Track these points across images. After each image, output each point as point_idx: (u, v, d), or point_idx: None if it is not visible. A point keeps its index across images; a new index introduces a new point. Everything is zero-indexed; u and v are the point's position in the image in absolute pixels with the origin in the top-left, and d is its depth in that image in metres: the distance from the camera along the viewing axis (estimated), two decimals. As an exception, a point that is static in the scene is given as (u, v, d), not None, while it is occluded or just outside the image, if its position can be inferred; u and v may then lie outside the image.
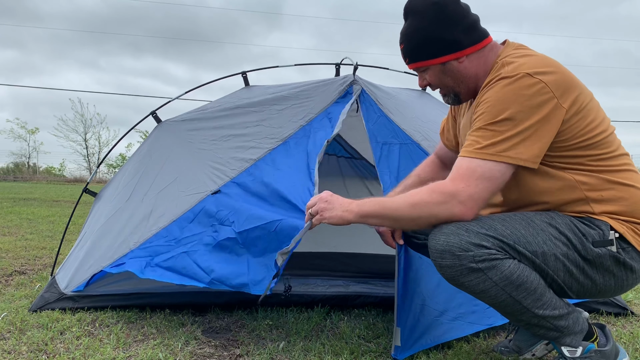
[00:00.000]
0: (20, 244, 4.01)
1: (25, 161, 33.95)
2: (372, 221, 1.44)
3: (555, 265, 1.34)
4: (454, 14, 1.42)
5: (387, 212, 1.40)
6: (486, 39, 1.46)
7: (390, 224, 1.46)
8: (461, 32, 1.43)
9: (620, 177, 1.38)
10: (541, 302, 1.35)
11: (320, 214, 1.48)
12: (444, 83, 1.50)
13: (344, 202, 1.47)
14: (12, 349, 1.69)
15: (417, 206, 1.36)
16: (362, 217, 1.43)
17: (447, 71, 1.47)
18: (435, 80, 1.50)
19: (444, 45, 1.43)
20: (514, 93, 1.31)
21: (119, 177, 2.68)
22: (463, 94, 1.51)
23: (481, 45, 1.45)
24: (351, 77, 2.20)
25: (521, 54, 1.40)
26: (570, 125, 1.34)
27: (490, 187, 1.32)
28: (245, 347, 1.78)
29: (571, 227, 1.36)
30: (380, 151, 2.01)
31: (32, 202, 9.11)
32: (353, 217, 1.43)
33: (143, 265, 1.85)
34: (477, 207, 1.33)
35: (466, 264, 1.31)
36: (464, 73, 1.46)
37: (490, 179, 1.31)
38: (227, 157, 2.12)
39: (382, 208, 1.41)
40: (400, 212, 1.38)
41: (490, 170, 1.31)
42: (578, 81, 1.38)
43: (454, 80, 1.48)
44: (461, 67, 1.46)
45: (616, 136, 1.44)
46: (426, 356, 1.68)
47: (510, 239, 1.33)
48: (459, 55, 1.44)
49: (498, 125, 1.31)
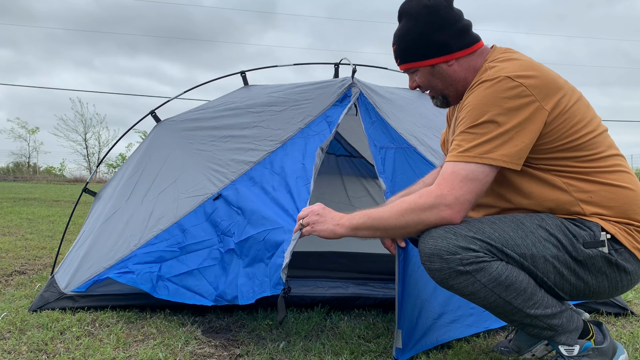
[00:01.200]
0: (20, 244, 4.02)
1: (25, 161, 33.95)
2: (364, 233, 1.45)
3: (544, 267, 1.34)
4: (445, 17, 1.44)
5: (376, 223, 1.42)
6: (477, 44, 1.48)
7: (381, 234, 1.47)
8: (452, 36, 1.45)
9: (610, 178, 1.38)
10: (532, 301, 1.35)
11: (311, 226, 1.50)
12: (433, 85, 1.52)
13: (335, 216, 1.48)
14: (12, 349, 1.69)
15: (405, 214, 1.37)
16: (353, 230, 1.44)
17: (436, 74, 1.49)
18: (425, 82, 1.52)
19: (434, 48, 1.46)
20: (493, 96, 1.32)
21: (119, 177, 2.68)
22: (451, 97, 1.54)
23: (471, 50, 1.47)
24: (349, 80, 2.21)
25: (505, 57, 1.42)
26: (554, 127, 1.34)
27: (475, 189, 1.33)
28: (245, 347, 1.78)
29: (562, 228, 1.36)
30: (379, 155, 2.02)
31: (32, 202, 9.11)
32: (344, 231, 1.45)
33: (154, 280, 1.88)
34: (464, 209, 1.34)
35: (454, 267, 1.32)
36: (453, 76, 1.48)
37: (474, 180, 1.32)
38: (226, 158, 2.13)
39: (370, 219, 1.42)
40: (389, 222, 1.40)
41: (474, 172, 1.32)
42: (562, 83, 1.39)
43: (442, 83, 1.50)
44: (450, 71, 1.48)
45: (608, 137, 1.44)
46: (426, 356, 1.69)
47: (498, 241, 1.33)
48: (448, 59, 1.46)
49: (479, 128, 1.33)
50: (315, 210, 1.51)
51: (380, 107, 2.17)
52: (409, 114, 2.33)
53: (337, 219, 1.47)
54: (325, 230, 1.47)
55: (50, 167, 34.44)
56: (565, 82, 1.41)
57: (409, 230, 1.41)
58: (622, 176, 1.39)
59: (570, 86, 1.41)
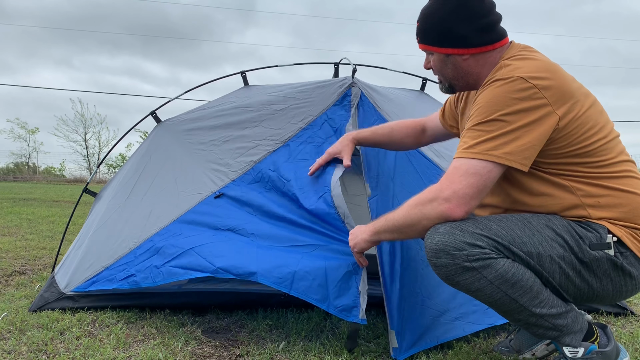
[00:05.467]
0: (20, 244, 4.01)
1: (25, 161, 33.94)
2: (386, 236, 1.50)
3: (550, 266, 1.34)
4: (473, 9, 1.42)
5: (390, 224, 1.45)
6: (500, 42, 1.45)
7: (398, 236, 1.48)
8: (474, 30, 1.42)
9: (620, 183, 1.38)
10: (538, 300, 1.35)
11: (353, 250, 1.61)
12: (444, 72, 1.53)
13: (363, 229, 1.57)
14: (12, 349, 1.69)
15: (410, 210, 1.39)
16: (376, 235, 1.52)
17: (450, 63, 1.49)
18: (437, 66, 1.52)
19: (452, 39, 1.44)
20: (504, 95, 1.31)
21: (119, 177, 2.68)
22: (458, 87, 1.55)
23: (491, 48, 1.44)
24: (349, 80, 2.20)
25: (521, 56, 1.40)
26: (565, 133, 1.34)
27: (475, 183, 1.31)
28: (245, 347, 1.78)
29: (569, 229, 1.36)
30: (378, 156, 2.01)
31: (32, 202, 9.11)
32: (370, 237, 1.53)
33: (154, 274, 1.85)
34: (463, 203, 1.32)
35: (460, 263, 1.32)
36: (465, 70, 1.48)
37: (474, 175, 1.31)
38: (227, 157, 2.13)
39: (387, 221, 1.47)
40: (399, 221, 1.43)
41: (474, 167, 1.31)
42: (577, 87, 1.38)
43: (454, 73, 1.50)
44: (464, 64, 1.47)
45: (619, 142, 1.43)
46: (426, 356, 1.68)
47: (505, 239, 1.33)
48: (464, 52, 1.45)
49: (486, 126, 1.32)
50: (350, 233, 1.62)
51: (380, 107, 2.17)
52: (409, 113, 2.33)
53: (363, 230, 1.56)
54: (360, 245, 1.57)
55: (50, 167, 34.46)
56: (580, 86, 1.40)
57: (417, 228, 1.40)
58: (631, 182, 1.39)
59: (584, 90, 1.40)
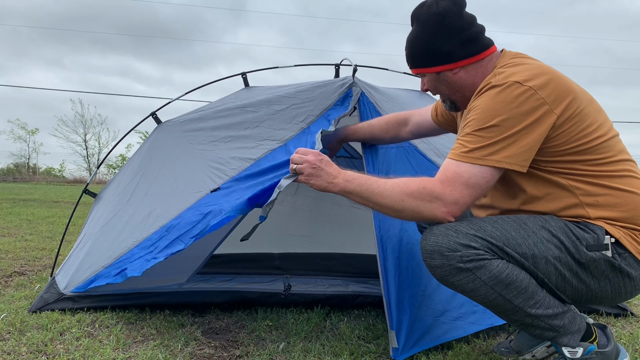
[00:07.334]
0: (20, 245, 4.01)
1: (25, 162, 33.95)
2: (355, 199, 1.47)
3: (546, 268, 1.34)
4: (452, 26, 1.44)
5: (372, 197, 1.43)
6: (486, 51, 1.47)
7: (372, 207, 1.48)
8: (458, 44, 1.45)
9: (619, 182, 1.37)
10: (533, 300, 1.35)
11: (306, 178, 1.52)
12: (440, 90, 1.55)
13: (331, 172, 1.49)
14: (12, 350, 1.68)
15: (406, 199, 1.38)
16: (345, 193, 1.47)
17: (442, 80, 1.51)
18: (432, 86, 1.56)
19: (439, 56, 1.47)
20: (502, 101, 1.33)
21: (119, 178, 2.68)
22: (459, 102, 1.56)
23: (479, 58, 1.46)
24: (350, 79, 2.20)
25: (514, 63, 1.41)
26: (563, 130, 1.34)
27: (474, 194, 1.35)
28: (244, 348, 1.78)
29: (565, 230, 1.36)
30: (378, 153, 2.02)
31: (31, 203, 9.11)
32: (337, 191, 1.48)
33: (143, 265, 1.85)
34: (459, 211, 1.36)
35: (454, 264, 1.32)
36: (458, 83, 1.50)
37: (474, 186, 1.34)
38: (227, 157, 2.13)
39: (368, 192, 1.43)
40: (387, 200, 1.40)
41: (475, 176, 1.33)
42: (573, 86, 1.38)
43: (448, 88, 1.52)
44: (456, 78, 1.49)
45: (619, 141, 1.43)
46: (426, 356, 1.68)
47: (499, 240, 1.33)
48: (453, 67, 1.47)
49: (486, 132, 1.33)
50: (311, 162, 1.51)
51: (381, 106, 2.17)
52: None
53: (332, 176, 1.48)
54: (319, 186, 1.50)
55: (50, 168, 34.49)
56: (576, 86, 1.40)
57: (404, 215, 1.41)
58: (631, 181, 1.39)
59: (580, 89, 1.41)
